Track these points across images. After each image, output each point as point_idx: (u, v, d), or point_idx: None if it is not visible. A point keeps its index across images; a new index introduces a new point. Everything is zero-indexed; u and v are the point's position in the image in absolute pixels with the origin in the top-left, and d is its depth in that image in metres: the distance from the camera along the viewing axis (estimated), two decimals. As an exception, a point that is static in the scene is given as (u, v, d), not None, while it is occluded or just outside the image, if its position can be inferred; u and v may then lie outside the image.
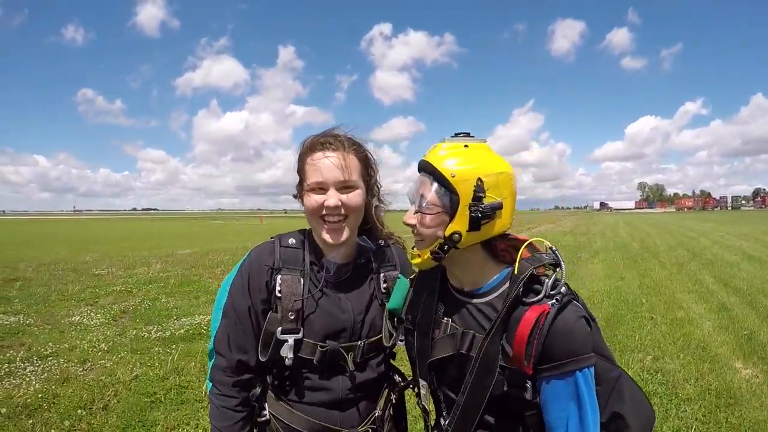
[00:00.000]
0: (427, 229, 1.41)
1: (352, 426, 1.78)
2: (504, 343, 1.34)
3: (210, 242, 29.98)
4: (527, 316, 1.29)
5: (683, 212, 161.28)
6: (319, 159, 1.65)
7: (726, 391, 5.16)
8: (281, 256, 1.73)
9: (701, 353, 6.44)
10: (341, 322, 1.73)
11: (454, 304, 1.53)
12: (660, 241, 25.11)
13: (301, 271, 1.73)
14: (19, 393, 5.12)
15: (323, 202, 1.64)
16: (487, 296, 1.46)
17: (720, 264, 15.23)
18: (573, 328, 1.29)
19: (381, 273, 1.86)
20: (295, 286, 1.69)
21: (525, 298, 1.34)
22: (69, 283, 12.16)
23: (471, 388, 1.39)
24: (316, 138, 1.71)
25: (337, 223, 1.67)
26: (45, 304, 9.89)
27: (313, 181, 1.65)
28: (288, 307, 1.66)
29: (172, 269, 14.92)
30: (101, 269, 14.98)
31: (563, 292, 1.32)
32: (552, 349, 1.28)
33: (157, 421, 4.58)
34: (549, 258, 1.41)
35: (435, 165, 1.37)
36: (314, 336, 1.69)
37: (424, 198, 1.40)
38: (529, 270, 1.34)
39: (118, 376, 5.66)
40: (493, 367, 1.35)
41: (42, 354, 6.53)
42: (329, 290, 1.75)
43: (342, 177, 1.65)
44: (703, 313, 8.74)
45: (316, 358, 1.69)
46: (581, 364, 1.28)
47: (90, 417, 4.64)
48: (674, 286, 11.43)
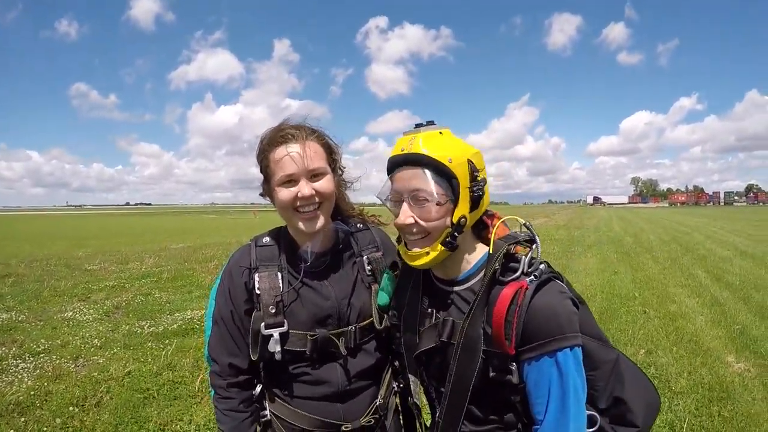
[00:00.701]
0: (433, 221, 1.35)
1: (356, 418, 1.77)
2: (485, 324, 1.30)
3: (203, 237, 29.91)
4: (504, 293, 1.25)
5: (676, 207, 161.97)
6: (283, 154, 1.63)
7: (718, 385, 5.19)
8: (257, 255, 1.75)
9: (694, 347, 6.47)
10: (325, 309, 1.73)
11: (438, 295, 1.50)
12: (653, 236, 25.20)
13: (278, 266, 1.74)
14: (11, 390, 5.11)
15: (296, 194, 1.63)
16: (468, 282, 1.44)
17: (713, 259, 15.30)
18: (555, 305, 1.26)
19: (364, 255, 1.86)
20: (272, 281, 1.70)
21: (502, 277, 1.31)
22: (61, 279, 12.12)
23: (455, 375, 1.35)
24: (275, 132, 1.69)
25: (312, 212, 1.67)
26: (37, 300, 9.85)
27: (282, 175, 1.63)
28: (268, 302, 1.67)
29: (165, 264, 14.89)
30: (94, 264, 14.94)
31: (542, 269, 1.30)
32: (533, 327, 1.24)
33: (150, 417, 4.56)
34: (524, 235, 1.40)
35: (431, 154, 1.32)
36: (300, 327, 1.69)
37: (423, 191, 1.33)
38: (504, 248, 1.33)
39: (110, 372, 5.65)
40: (475, 352, 1.31)
41: (34, 351, 6.51)
42: (310, 280, 1.75)
43: (310, 166, 1.64)
44: (696, 307, 8.78)
45: (307, 348, 1.69)
46: (564, 343, 1.23)
47: (82, 414, 4.62)
48: (667, 280, 11.47)
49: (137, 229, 44.20)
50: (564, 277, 1.38)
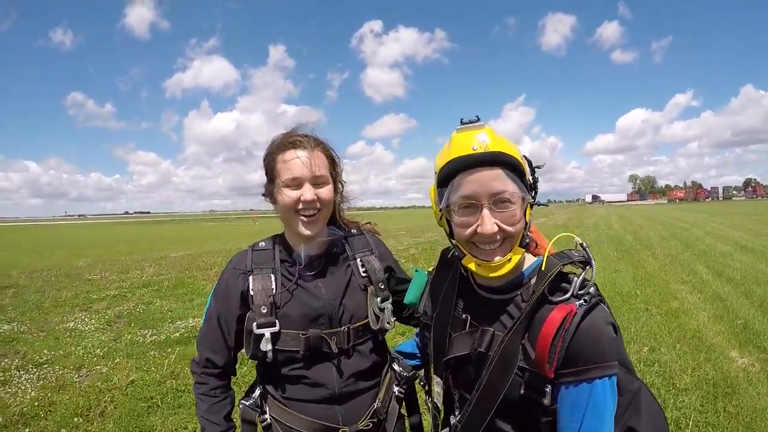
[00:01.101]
0: (518, 224, 1.29)
1: (354, 422, 1.80)
2: (525, 343, 1.25)
3: (203, 244, 29.88)
4: (553, 316, 1.20)
5: (675, 203, 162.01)
6: (292, 157, 1.72)
7: (723, 381, 5.19)
8: (253, 259, 1.83)
9: (697, 343, 6.47)
10: (316, 309, 1.77)
11: (474, 301, 1.45)
12: (653, 233, 25.19)
13: (272, 268, 1.81)
14: (15, 401, 5.09)
15: (299, 197, 1.71)
16: (510, 293, 1.37)
17: (713, 254, 15.30)
18: (600, 333, 1.21)
19: (357, 258, 1.92)
20: (265, 282, 1.77)
21: (551, 296, 1.26)
22: (62, 289, 12.07)
23: (485, 385, 1.30)
24: (285, 137, 1.78)
25: (312, 216, 1.75)
26: (39, 310, 9.81)
27: (288, 177, 1.71)
28: (260, 303, 1.73)
29: (166, 272, 14.85)
30: (94, 274, 14.89)
31: (592, 293, 1.24)
32: (576, 352, 1.19)
33: (155, 426, 4.56)
34: (579, 255, 1.32)
35: (508, 152, 1.26)
36: (292, 327, 1.74)
37: (507, 192, 1.25)
38: (557, 267, 1.27)
39: (114, 381, 5.63)
40: (510, 367, 1.26)
41: (37, 361, 6.48)
42: (303, 281, 1.81)
43: (315, 173, 1.73)
44: (698, 303, 8.78)
45: (300, 348, 1.73)
46: (606, 371, 1.20)
47: (87, 424, 4.61)
48: (668, 277, 11.47)
49: (137, 238, 44.17)
50: (605, 299, 1.32)
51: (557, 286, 1.28)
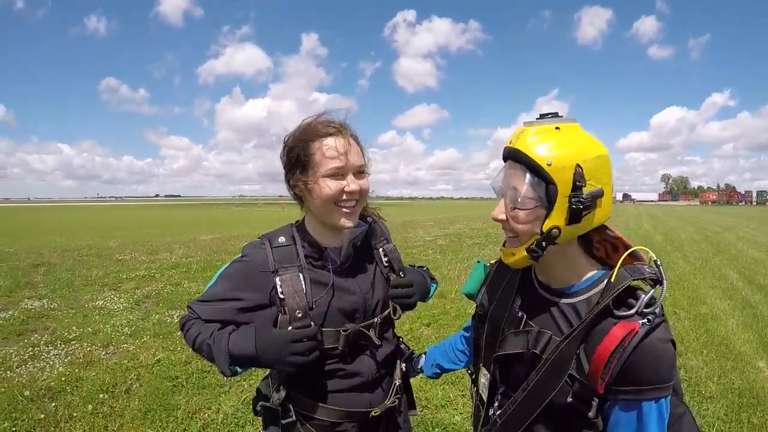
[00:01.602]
0: (522, 225, 1.28)
1: (382, 401, 1.83)
2: (581, 352, 1.23)
3: (231, 228, 30.15)
4: (614, 332, 1.17)
5: (707, 206, 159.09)
6: (333, 145, 1.62)
7: (749, 391, 5.09)
8: (275, 257, 1.71)
9: (724, 351, 6.34)
10: (352, 304, 1.75)
11: (533, 300, 1.43)
12: (684, 235, 24.74)
13: (299, 266, 1.71)
14: (43, 376, 5.21)
15: (343, 188, 1.63)
16: (573, 297, 1.34)
17: (744, 260, 14.97)
18: (661, 353, 1.17)
19: (379, 248, 1.90)
20: (295, 283, 1.67)
21: (616, 310, 1.22)
22: (93, 268, 12.33)
23: (533, 386, 1.28)
24: (323, 124, 1.67)
25: (353, 208, 1.68)
26: (69, 288, 10.04)
27: (332, 167, 1.61)
28: (294, 306, 1.65)
29: (195, 254, 15.07)
30: (124, 254, 15.17)
31: (657, 313, 1.19)
32: (633, 371, 1.16)
33: (179, 405, 4.63)
34: (651, 272, 1.26)
35: (527, 152, 1.23)
36: (329, 325, 1.70)
37: (517, 191, 1.26)
38: (627, 281, 1.22)
39: (140, 360, 5.75)
40: (562, 374, 1.24)
41: (66, 338, 6.64)
42: (337, 279, 1.75)
43: (358, 162, 1.67)
44: (727, 309, 8.60)
45: (340, 344, 1.71)
46: (660, 393, 1.17)
47: (112, 400, 4.70)
48: (698, 281, 11.25)
49: (166, 221, 44.73)
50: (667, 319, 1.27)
51: (623, 301, 1.23)
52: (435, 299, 8.77)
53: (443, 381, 5.10)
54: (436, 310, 8.02)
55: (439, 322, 7.40)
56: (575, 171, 1.19)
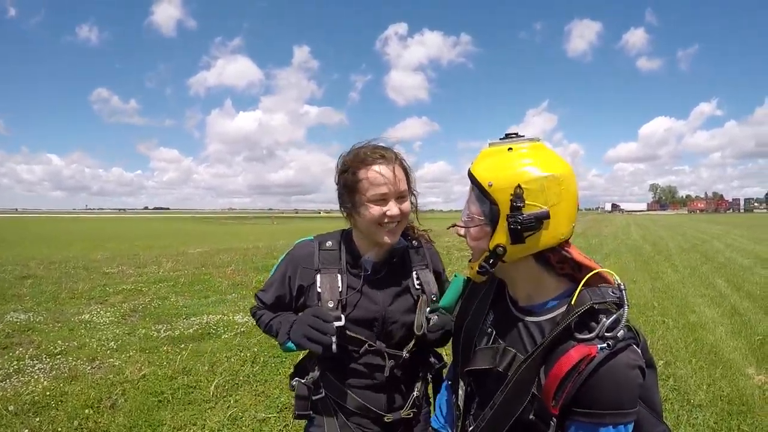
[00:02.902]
0: (474, 241, 1.36)
1: (396, 409, 1.99)
2: (541, 372, 1.23)
3: (221, 242, 30.06)
4: (569, 355, 1.17)
5: (695, 214, 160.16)
6: (379, 172, 1.79)
7: (738, 398, 5.10)
8: (320, 258, 1.95)
9: (713, 359, 6.36)
10: (372, 313, 1.92)
11: (504, 316, 1.45)
12: (672, 244, 24.89)
13: (339, 269, 1.94)
14: (27, 390, 5.14)
15: (385, 212, 1.80)
16: (539, 316, 1.35)
17: (733, 268, 15.08)
18: (621, 379, 1.15)
19: (414, 271, 2.03)
20: (332, 282, 1.90)
21: (577, 332, 1.21)
22: (79, 281, 12.21)
23: (499, 406, 1.29)
24: (368, 150, 1.84)
25: (395, 227, 1.86)
26: (55, 301, 9.94)
27: (377, 193, 1.78)
28: (328, 298, 1.87)
29: (183, 268, 14.95)
30: (112, 267, 15.03)
31: (619, 337, 1.17)
32: (591, 395, 1.16)
33: (164, 420, 4.58)
34: (614, 296, 1.24)
35: (474, 173, 1.29)
36: (349, 325, 1.87)
37: (469, 209, 1.35)
38: (588, 304, 1.21)
39: (126, 374, 5.67)
40: (525, 393, 1.24)
41: (51, 352, 6.56)
42: (365, 286, 1.94)
43: (401, 188, 1.83)
44: (716, 317, 8.64)
45: (362, 350, 1.91)
46: (619, 419, 1.16)
47: (97, 416, 4.64)
48: (686, 289, 11.32)
49: (155, 233, 44.54)
50: (641, 336, 1.27)
51: (585, 323, 1.22)
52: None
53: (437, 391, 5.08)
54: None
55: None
56: (514, 192, 1.22)
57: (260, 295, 2.03)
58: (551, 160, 1.27)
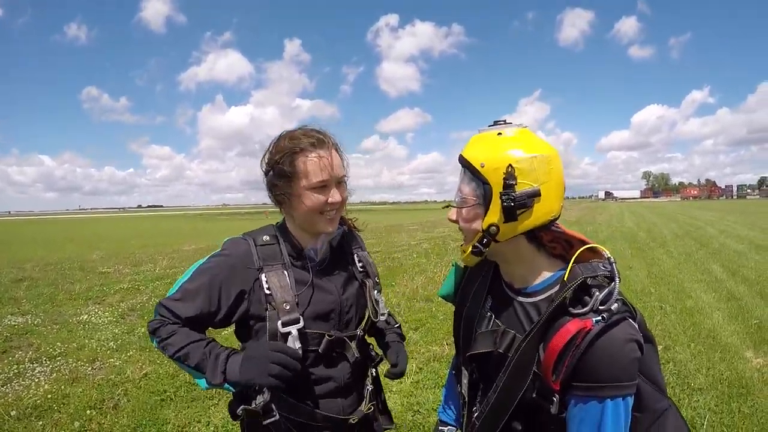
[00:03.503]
0: (466, 223, 1.37)
1: (353, 410, 1.87)
2: (540, 349, 1.25)
3: (216, 238, 30.02)
4: (565, 329, 1.19)
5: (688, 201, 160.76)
6: (317, 158, 1.68)
7: (737, 381, 5.14)
8: (260, 255, 1.75)
9: (712, 343, 6.41)
10: (328, 304, 1.80)
11: (501, 300, 1.47)
12: (666, 231, 25.00)
13: (283, 264, 1.76)
14: (29, 394, 5.14)
15: (326, 200, 1.70)
16: (534, 296, 1.38)
17: (727, 253, 15.18)
18: (617, 352, 1.17)
19: (354, 253, 1.98)
20: (281, 279, 1.72)
21: (571, 307, 1.23)
22: (76, 282, 12.19)
23: (502, 388, 1.31)
24: (306, 136, 1.72)
25: (335, 215, 1.77)
26: (52, 303, 9.91)
27: (318, 179, 1.67)
28: (281, 300, 1.68)
29: (179, 266, 14.94)
30: (108, 267, 15.02)
31: (614, 309, 1.19)
32: (588, 369, 1.18)
33: (168, 419, 4.58)
34: (605, 269, 1.28)
35: (466, 156, 1.32)
36: (310, 323, 1.73)
37: (461, 192, 1.36)
38: (580, 278, 1.24)
39: (127, 374, 5.68)
40: (526, 372, 1.26)
41: (50, 354, 6.55)
42: (315, 278, 1.80)
43: (340, 173, 1.74)
44: (713, 302, 8.70)
45: (322, 347, 1.75)
46: (617, 391, 1.17)
47: (100, 417, 4.64)
48: (682, 275, 11.38)
49: (150, 232, 44.41)
50: (638, 312, 1.30)
51: (579, 298, 1.25)
52: (421, 302, 8.79)
53: (434, 385, 5.10)
54: (422, 314, 8.04)
55: (427, 326, 7.41)
56: (506, 171, 1.25)
57: (172, 306, 1.67)
58: (538, 142, 1.32)
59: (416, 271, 12.54)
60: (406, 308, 8.47)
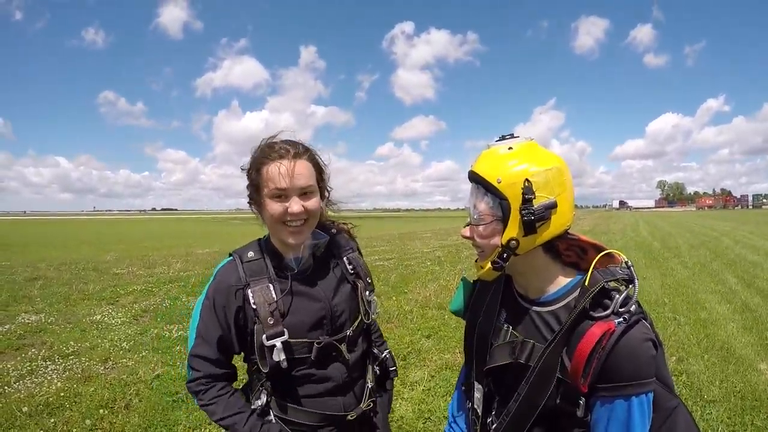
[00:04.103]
0: (484, 239, 1.38)
1: (353, 407, 1.91)
2: (563, 356, 1.29)
3: (229, 242, 30.13)
4: (591, 332, 1.23)
5: (703, 211, 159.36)
6: (279, 166, 1.69)
7: (751, 394, 5.08)
8: (245, 271, 1.80)
9: (725, 355, 6.34)
10: (318, 311, 1.82)
11: (516, 311, 1.49)
12: (681, 241, 24.77)
13: (268, 278, 1.80)
14: (41, 392, 5.17)
15: (286, 209, 1.71)
16: (552, 305, 1.41)
17: (743, 264, 15.00)
18: (637, 350, 1.22)
19: (344, 257, 1.98)
20: (265, 293, 1.75)
21: (592, 312, 1.28)
22: (90, 282, 12.26)
23: (524, 397, 1.34)
24: (269, 146, 1.77)
25: (299, 227, 1.75)
26: (66, 303, 9.98)
27: (273, 188, 1.70)
28: (265, 315, 1.72)
29: (193, 268, 14.99)
30: (122, 268, 15.10)
31: (632, 311, 1.25)
32: (613, 369, 1.22)
33: (179, 420, 4.60)
34: (623, 273, 1.34)
35: (480, 173, 1.34)
36: (299, 332, 1.77)
37: (477, 209, 1.37)
38: (600, 283, 1.29)
39: (139, 375, 5.70)
40: (549, 379, 1.30)
41: (63, 353, 6.59)
42: (300, 287, 1.83)
43: (302, 183, 1.72)
44: (727, 313, 8.61)
45: (313, 355, 1.79)
46: (640, 389, 1.22)
47: (112, 416, 4.67)
48: (697, 286, 11.27)
49: (163, 234, 44.65)
50: (648, 316, 1.34)
51: (599, 302, 1.30)
52: (434, 310, 8.75)
53: (446, 393, 5.08)
54: (435, 321, 8.02)
55: (439, 334, 7.38)
56: (524, 186, 1.28)
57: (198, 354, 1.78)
58: (548, 155, 1.36)
59: (429, 278, 12.48)
60: (419, 315, 8.42)
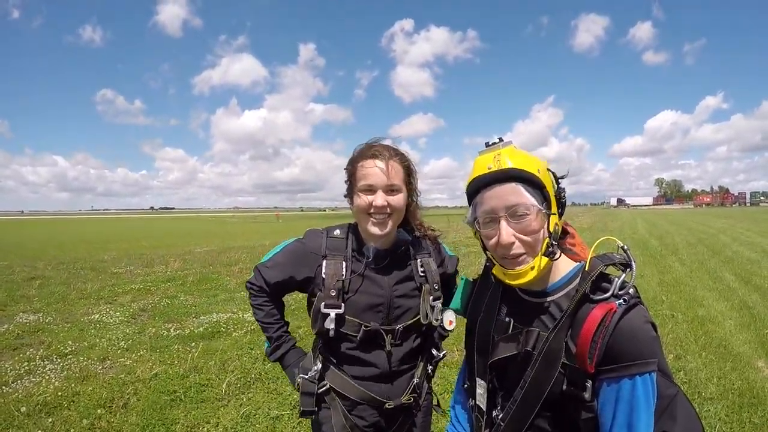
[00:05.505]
0: (535, 234, 1.37)
1: (398, 396, 2.08)
2: (568, 340, 1.32)
3: (227, 240, 30.13)
4: (594, 314, 1.26)
5: (701, 208, 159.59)
6: (370, 166, 1.92)
7: (749, 391, 5.09)
8: (327, 244, 2.06)
9: (723, 352, 6.35)
10: (377, 298, 2.01)
11: (517, 305, 1.51)
12: (679, 238, 24.80)
13: (344, 256, 2.03)
14: (39, 391, 5.17)
15: (371, 202, 1.92)
16: (552, 295, 1.44)
17: (740, 261, 15.04)
18: (638, 330, 1.25)
19: (418, 259, 2.14)
20: (338, 268, 2.00)
21: (593, 295, 1.32)
22: (88, 282, 12.28)
23: (530, 383, 1.36)
24: (366, 148, 2.00)
25: (382, 219, 1.95)
26: (64, 302, 9.99)
27: (363, 183, 1.93)
28: (330, 286, 1.96)
29: (190, 267, 15.02)
30: (119, 267, 15.12)
31: (631, 293, 1.29)
32: (616, 350, 1.24)
33: (177, 419, 4.59)
34: (620, 258, 1.38)
35: (521, 167, 1.36)
36: (354, 311, 1.99)
37: (522, 205, 1.35)
38: (599, 268, 1.34)
39: (137, 374, 5.70)
40: (555, 363, 1.32)
41: (61, 352, 6.59)
42: (370, 273, 2.04)
43: (388, 181, 1.92)
44: (724, 311, 8.62)
45: (359, 335, 1.99)
46: (644, 368, 1.23)
47: (110, 415, 4.66)
48: (694, 283, 11.29)
49: (161, 233, 44.64)
50: (644, 303, 1.36)
51: (598, 286, 1.34)
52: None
53: (444, 390, 5.08)
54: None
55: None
56: (552, 172, 1.43)
57: (263, 272, 2.13)
58: None
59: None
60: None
